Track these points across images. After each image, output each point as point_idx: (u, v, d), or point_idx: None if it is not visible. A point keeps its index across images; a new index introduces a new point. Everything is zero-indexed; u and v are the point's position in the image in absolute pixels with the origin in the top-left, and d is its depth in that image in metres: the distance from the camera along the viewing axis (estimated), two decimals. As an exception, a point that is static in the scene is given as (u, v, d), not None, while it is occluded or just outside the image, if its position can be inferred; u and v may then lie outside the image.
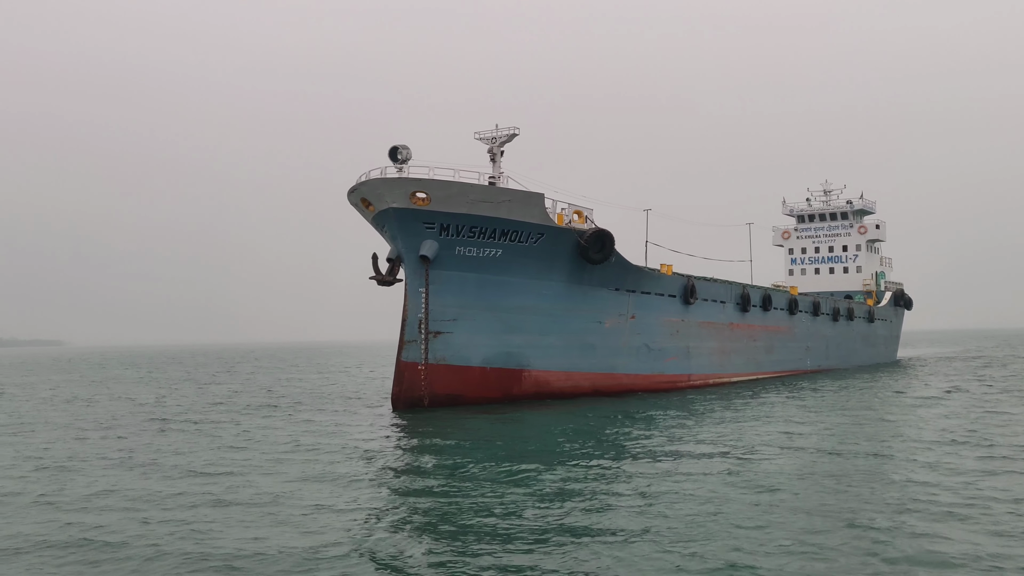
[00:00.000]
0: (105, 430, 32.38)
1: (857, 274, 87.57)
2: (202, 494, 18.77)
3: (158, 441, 28.50)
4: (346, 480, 20.45)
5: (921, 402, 38.06)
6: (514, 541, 14.39)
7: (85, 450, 26.61)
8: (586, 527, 15.19)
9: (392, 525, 15.84)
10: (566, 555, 13.51)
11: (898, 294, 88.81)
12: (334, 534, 15.12)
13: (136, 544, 14.70)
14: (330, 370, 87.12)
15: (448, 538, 14.75)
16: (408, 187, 37.11)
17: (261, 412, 38.30)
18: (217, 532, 15.43)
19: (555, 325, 41.60)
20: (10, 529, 16.08)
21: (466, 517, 16.20)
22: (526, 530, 15.07)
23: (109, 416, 38.17)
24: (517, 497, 17.88)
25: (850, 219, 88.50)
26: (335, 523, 15.97)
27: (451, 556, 13.67)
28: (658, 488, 18.49)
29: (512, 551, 13.78)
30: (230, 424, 33.51)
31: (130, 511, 17.32)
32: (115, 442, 28.46)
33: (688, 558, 13.23)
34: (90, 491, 19.53)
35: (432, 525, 15.73)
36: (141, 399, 48.45)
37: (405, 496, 18.56)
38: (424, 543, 14.47)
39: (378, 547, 14.31)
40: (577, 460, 22.91)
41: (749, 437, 26.78)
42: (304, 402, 43.60)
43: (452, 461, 22.98)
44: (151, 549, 14.37)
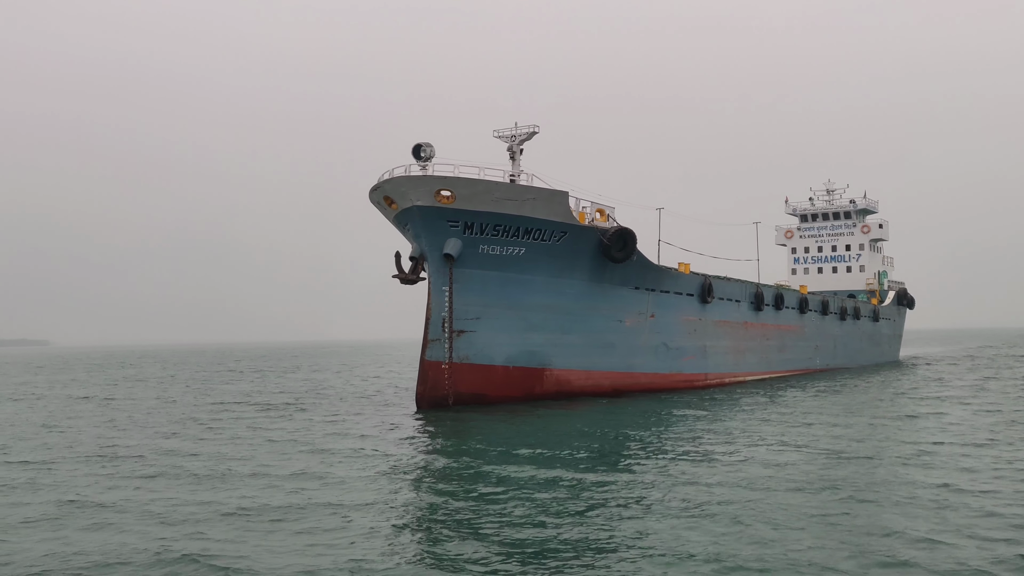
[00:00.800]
0: (141, 429, 32.09)
1: (860, 273, 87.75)
2: (230, 498, 18.47)
3: (185, 447, 28.22)
4: (377, 481, 20.23)
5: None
6: (546, 544, 14.16)
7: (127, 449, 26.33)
8: (623, 535, 14.77)
9: (430, 528, 15.61)
10: (601, 562, 13.26)
11: (901, 293, 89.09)
12: (367, 538, 14.90)
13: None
14: (342, 369, 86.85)
15: (484, 541, 14.50)
16: (433, 185, 36.87)
17: (282, 413, 37.99)
18: (249, 539, 15.16)
19: (576, 324, 41.46)
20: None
21: (506, 520, 15.90)
22: (561, 535, 14.76)
23: (142, 416, 37.83)
24: (550, 500, 17.53)
25: (853, 219, 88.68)
26: (363, 526, 15.78)
27: (487, 558, 13.48)
28: (691, 492, 18.11)
29: (545, 555, 13.59)
30: (264, 426, 33.22)
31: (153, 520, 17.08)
32: (160, 441, 28.20)
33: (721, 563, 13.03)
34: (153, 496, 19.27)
35: (465, 528, 15.41)
36: (182, 399, 48.09)
37: (441, 498, 18.21)
38: (458, 547, 14.20)
39: (414, 551, 14.10)
40: (610, 462, 22.65)
41: (788, 437, 26.69)
42: (325, 403, 43.30)
43: (482, 462, 22.64)
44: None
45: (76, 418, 37.27)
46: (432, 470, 22.05)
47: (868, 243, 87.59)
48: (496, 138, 44.35)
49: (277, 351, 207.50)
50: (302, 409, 39.12)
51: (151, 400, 46.80)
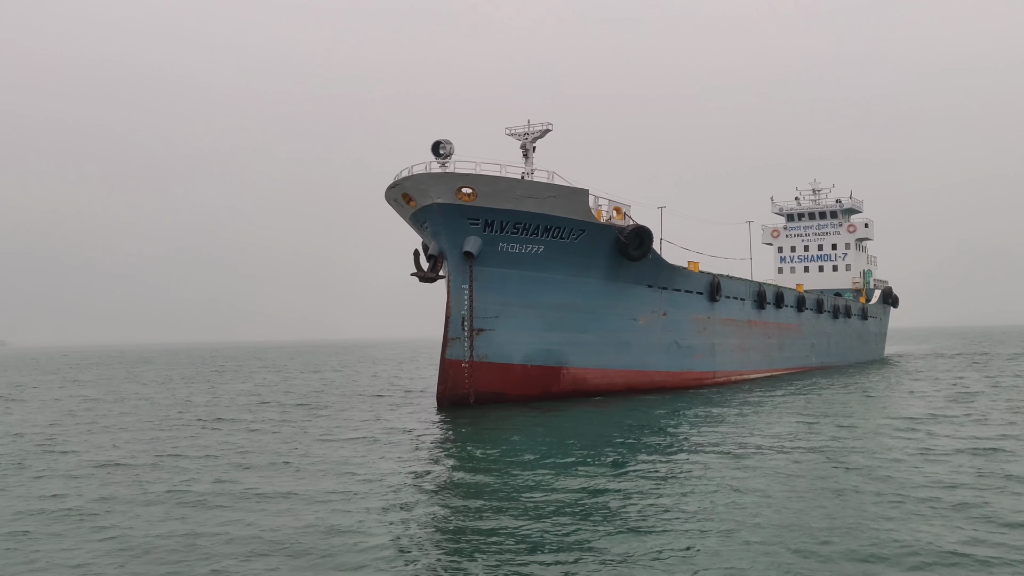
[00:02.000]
0: (160, 430, 31.43)
1: (846, 272, 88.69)
2: (259, 498, 18.25)
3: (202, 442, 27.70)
4: (399, 481, 19.95)
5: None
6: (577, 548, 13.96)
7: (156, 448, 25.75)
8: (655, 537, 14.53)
9: (457, 530, 15.36)
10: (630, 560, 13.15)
11: (886, 292, 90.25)
12: (390, 538, 14.76)
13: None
14: (360, 368, 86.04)
15: (515, 541, 14.35)
16: (455, 182, 36.57)
17: (304, 413, 37.46)
18: (280, 532, 15.13)
19: (592, 322, 41.39)
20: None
21: (537, 522, 15.64)
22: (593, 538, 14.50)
23: (161, 416, 37.11)
24: (580, 501, 17.31)
25: (839, 218, 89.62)
26: (390, 525, 15.65)
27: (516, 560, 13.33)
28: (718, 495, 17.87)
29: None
30: (283, 425, 32.71)
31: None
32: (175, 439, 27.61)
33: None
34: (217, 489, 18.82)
35: (495, 530, 15.12)
36: (196, 399, 47.25)
37: (469, 500, 17.84)
38: (485, 550, 13.98)
39: (438, 552, 13.95)
40: (642, 463, 22.28)
41: (814, 438, 26.77)
42: (346, 402, 42.79)
43: (511, 464, 22.33)
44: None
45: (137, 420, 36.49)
46: (459, 471, 21.55)
47: (854, 242, 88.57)
48: (508, 136, 44.16)
49: (278, 350, 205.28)
50: (324, 407, 38.68)
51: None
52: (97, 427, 33.11)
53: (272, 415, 36.20)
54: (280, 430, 30.49)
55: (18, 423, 35.62)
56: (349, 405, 40.28)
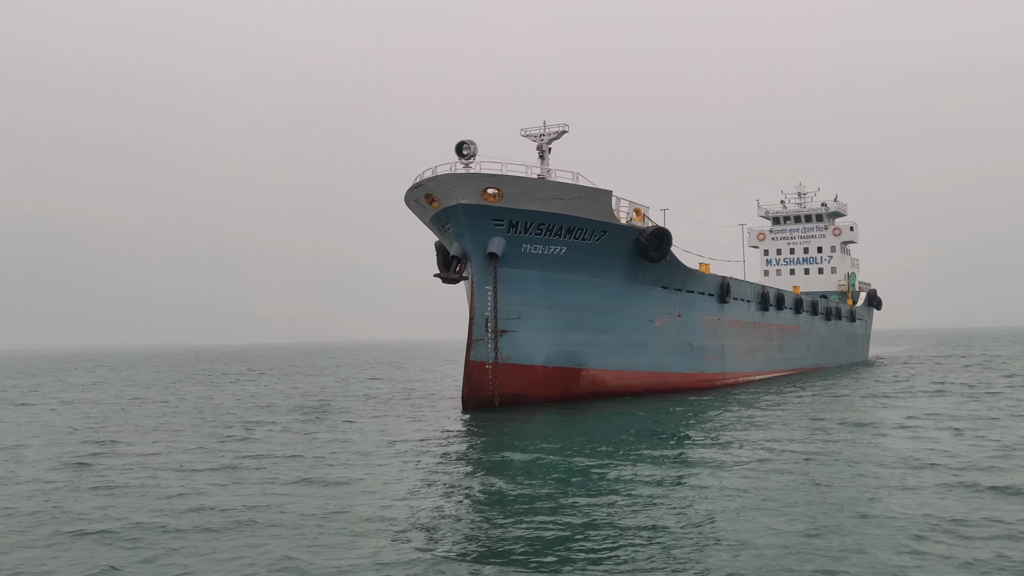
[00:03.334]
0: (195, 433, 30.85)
1: (832, 275, 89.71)
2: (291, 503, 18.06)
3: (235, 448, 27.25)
4: (429, 484, 19.83)
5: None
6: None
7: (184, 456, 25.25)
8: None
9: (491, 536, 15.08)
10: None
11: (871, 295, 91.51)
12: (422, 542, 14.58)
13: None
14: (379, 369, 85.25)
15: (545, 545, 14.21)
16: (481, 183, 36.37)
17: (329, 415, 37.01)
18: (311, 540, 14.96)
19: (611, 324, 41.40)
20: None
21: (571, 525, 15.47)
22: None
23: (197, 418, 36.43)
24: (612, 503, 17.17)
25: (824, 221, 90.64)
26: (417, 529, 15.47)
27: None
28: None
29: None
30: (312, 430, 32.29)
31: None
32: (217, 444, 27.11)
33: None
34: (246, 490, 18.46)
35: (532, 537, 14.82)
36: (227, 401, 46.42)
37: (499, 505, 17.58)
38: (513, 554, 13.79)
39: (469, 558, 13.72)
40: (678, 465, 22.17)
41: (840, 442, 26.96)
42: (371, 404, 42.44)
43: (541, 465, 22.13)
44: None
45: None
46: (490, 476, 21.10)
47: (839, 245, 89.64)
48: (524, 137, 44.11)
49: (281, 353, 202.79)
50: (348, 410, 38.28)
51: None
52: (167, 428, 32.49)
53: (294, 417, 35.77)
54: (306, 433, 30.27)
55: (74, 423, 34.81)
56: (371, 407, 39.90)
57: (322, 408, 40.07)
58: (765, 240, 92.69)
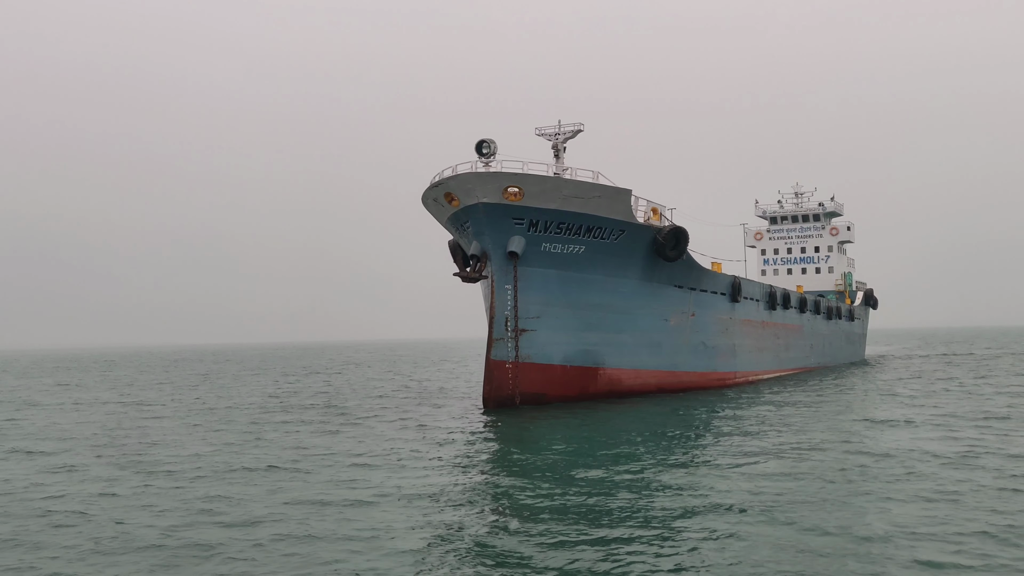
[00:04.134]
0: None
1: (829, 274, 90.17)
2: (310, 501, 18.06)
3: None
4: (454, 486, 19.65)
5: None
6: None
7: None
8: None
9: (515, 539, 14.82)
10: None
11: (868, 294, 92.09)
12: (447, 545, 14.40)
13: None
14: (397, 368, 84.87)
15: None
16: (503, 182, 36.31)
17: (349, 415, 36.87)
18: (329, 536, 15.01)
19: (628, 323, 41.45)
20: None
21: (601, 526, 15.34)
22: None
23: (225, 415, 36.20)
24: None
25: (822, 221, 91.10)
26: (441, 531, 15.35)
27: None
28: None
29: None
30: (335, 429, 32.16)
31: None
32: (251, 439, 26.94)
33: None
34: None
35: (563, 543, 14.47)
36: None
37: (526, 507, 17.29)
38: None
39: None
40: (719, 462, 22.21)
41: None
42: (394, 402, 42.33)
43: (569, 465, 22.03)
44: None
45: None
46: (516, 477, 20.93)
47: (836, 245, 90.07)
48: (538, 136, 44.08)
49: (283, 353, 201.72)
50: (367, 410, 38.15)
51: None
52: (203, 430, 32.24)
53: (317, 416, 35.62)
54: (328, 431, 30.24)
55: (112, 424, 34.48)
56: (391, 406, 39.77)
57: (342, 407, 39.93)
58: (763, 240, 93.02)
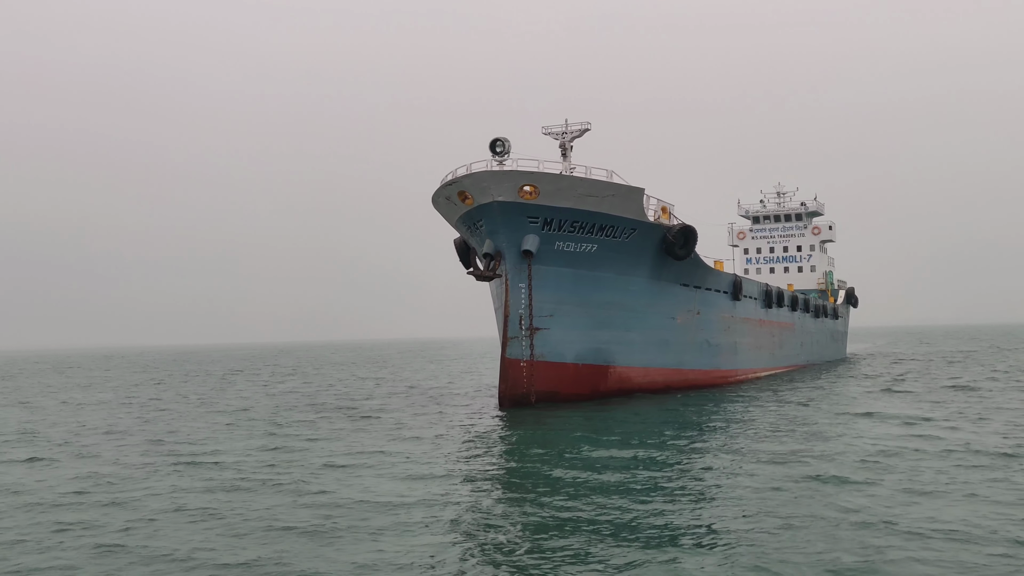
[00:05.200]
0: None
1: (811, 273, 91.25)
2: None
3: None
4: (464, 482, 19.75)
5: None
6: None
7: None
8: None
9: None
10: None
11: (850, 292, 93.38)
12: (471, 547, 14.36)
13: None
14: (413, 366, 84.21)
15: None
16: (518, 180, 36.31)
17: (368, 414, 36.65)
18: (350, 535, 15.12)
19: (637, 321, 41.66)
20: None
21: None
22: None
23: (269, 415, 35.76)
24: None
25: (804, 220, 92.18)
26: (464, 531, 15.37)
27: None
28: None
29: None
30: (354, 427, 31.97)
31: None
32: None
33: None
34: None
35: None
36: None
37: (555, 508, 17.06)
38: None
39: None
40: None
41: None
42: (409, 401, 42.14)
43: (597, 463, 21.96)
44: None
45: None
46: (531, 473, 21.02)
47: (818, 244, 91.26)
48: (545, 135, 44.16)
49: (294, 352, 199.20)
50: (384, 409, 37.98)
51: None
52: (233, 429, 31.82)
53: (337, 416, 35.40)
54: (353, 430, 30.17)
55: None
56: (407, 405, 39.62)
57: (358, 407, 39.75)
58: (745, 239, 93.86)
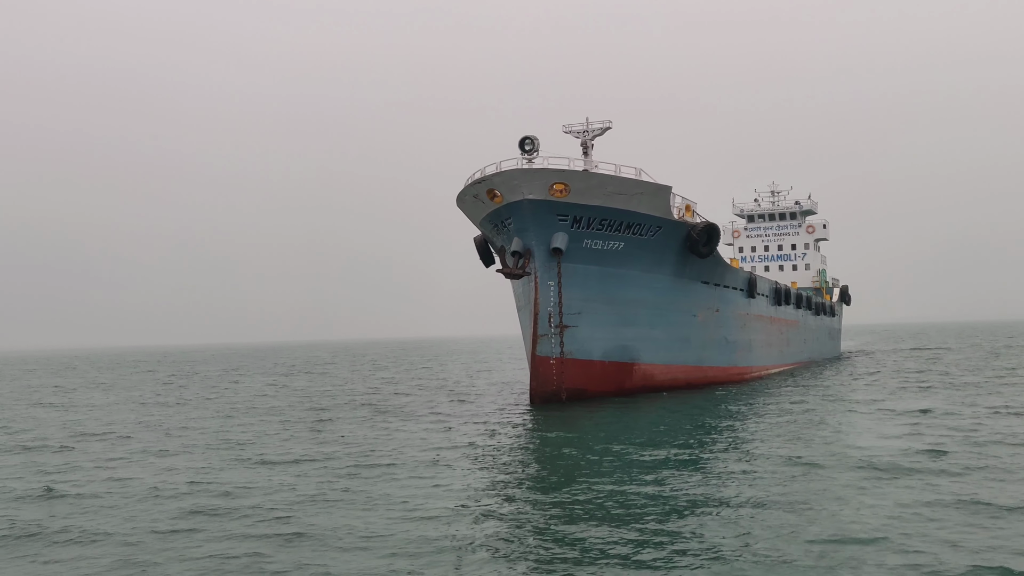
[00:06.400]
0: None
1: (806, 272, 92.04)
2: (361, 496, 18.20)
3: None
4: (511, 484, 19.63)
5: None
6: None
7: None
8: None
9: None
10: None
11: (843, 290, 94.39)
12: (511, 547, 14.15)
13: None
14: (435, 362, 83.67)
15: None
16: (549, 178, 36.42)
17: (398, 412, 36.58)
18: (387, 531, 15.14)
19: (660, 318, 41.94)
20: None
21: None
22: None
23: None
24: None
25: (798, 219, 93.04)
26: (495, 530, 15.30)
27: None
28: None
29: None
30: (386, 424, 31.93)
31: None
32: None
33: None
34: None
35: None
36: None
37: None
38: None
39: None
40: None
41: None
42: (438, 398, 42.21)
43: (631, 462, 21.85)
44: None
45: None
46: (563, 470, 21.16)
47: (812, 242, 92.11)
48: (566, 133, 44.38)
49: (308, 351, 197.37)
50: (411, 407, 37.90)
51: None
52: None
53: (364, 413, 35.32)
54: (386, 428, 30.24)
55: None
56: (437, 402, 39.62)
57: (387, 404, 39.70)
58: (740, 237, 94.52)
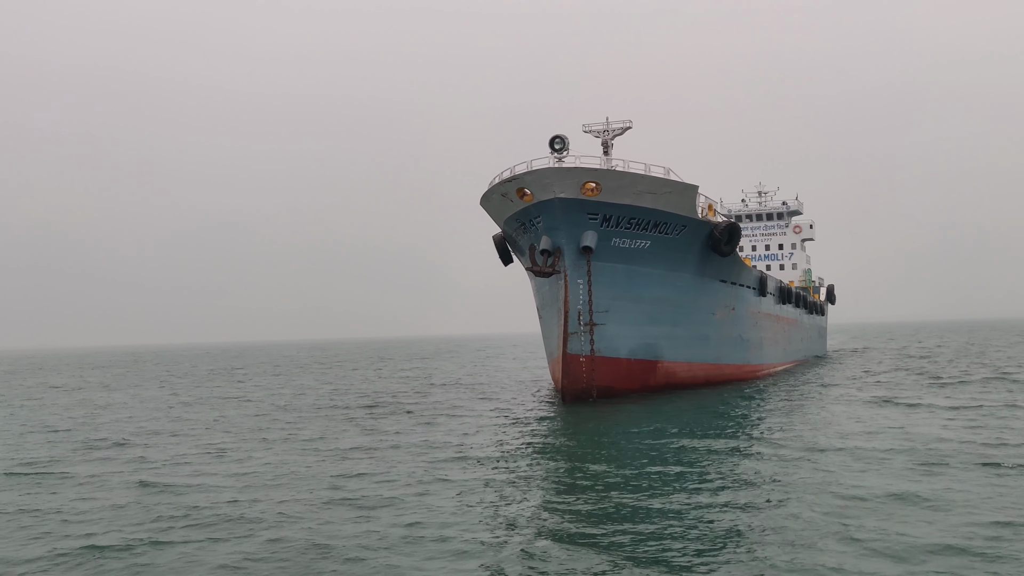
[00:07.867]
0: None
1: (793, 271, 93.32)
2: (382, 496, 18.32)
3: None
4: (539, 479, 19.84)
5: None
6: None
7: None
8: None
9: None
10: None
11: (829, 290, 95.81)
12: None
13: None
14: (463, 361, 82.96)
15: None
16: (581, 177, 36.62)
17: (435, 408, 36.56)
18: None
19: (683, 317, 42.33)
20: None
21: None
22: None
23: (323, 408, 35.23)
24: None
25: (784, 219, 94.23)
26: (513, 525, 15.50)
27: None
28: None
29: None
30: (425, 420, 31.93)
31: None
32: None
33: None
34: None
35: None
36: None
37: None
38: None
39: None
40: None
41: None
42: (474, 395, 42.20)
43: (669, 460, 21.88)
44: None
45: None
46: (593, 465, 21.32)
47: (799, 242, 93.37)
48: (586, 132, 44.73)
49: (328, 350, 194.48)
50: (444, 404, 37.91)
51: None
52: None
53: (389, 411, 35.31)
54: (426, 423, 30.54)
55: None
56: (469, 400, 39.61)
57: (423, 402, 39.66)
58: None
